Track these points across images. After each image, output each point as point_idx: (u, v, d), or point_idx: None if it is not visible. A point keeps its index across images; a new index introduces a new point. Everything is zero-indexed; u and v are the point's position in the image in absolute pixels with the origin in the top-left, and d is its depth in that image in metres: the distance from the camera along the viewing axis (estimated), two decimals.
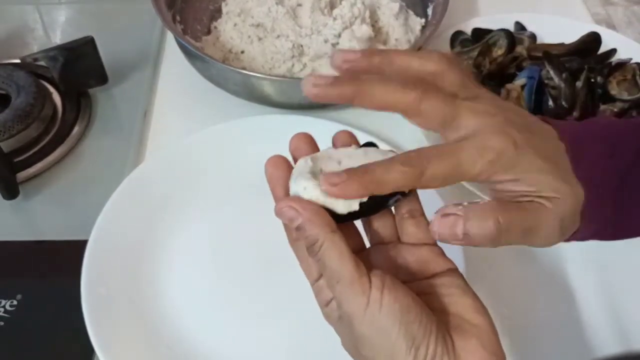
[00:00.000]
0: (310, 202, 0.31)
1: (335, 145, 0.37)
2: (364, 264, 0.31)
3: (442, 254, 0.34)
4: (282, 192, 0.34)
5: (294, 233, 0.33)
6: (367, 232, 0.36)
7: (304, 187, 0.32)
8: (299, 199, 0.32)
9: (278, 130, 0.62)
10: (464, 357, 0.30)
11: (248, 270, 0.52)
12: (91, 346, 0.45)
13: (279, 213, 0.32)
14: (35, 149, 0.61)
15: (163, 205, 0.55)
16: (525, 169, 0.33)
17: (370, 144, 0.36)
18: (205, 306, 0.50)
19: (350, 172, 0.31)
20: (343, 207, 0.32)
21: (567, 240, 0.36)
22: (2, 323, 0.48)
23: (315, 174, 0.32)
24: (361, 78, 0.33)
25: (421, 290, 0.32)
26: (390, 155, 0.33)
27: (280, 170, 0.35)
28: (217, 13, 0.75)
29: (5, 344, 0.48)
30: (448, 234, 0.32)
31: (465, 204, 0.32)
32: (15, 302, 0.50)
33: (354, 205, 0.32)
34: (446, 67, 0.34)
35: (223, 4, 0.74)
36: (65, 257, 0.53)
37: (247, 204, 0.57)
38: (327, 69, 0.67)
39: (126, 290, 0.49)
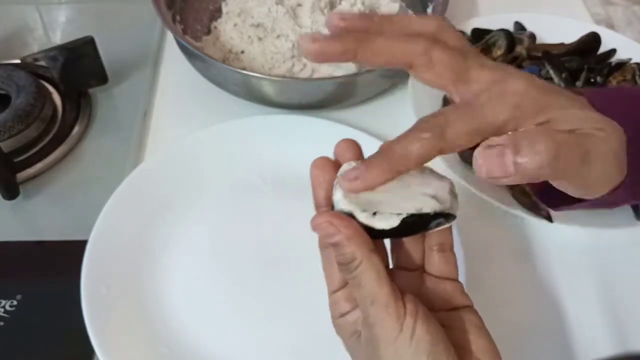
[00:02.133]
0: (349, 219, 0.30)
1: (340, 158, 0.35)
2: None
3: (463, 291, 0.34)
4: (322, 197, 0.32)
5: (328, 247, 0.32)
6: (393, 254, 0.35)
7: (343, 195, 0.31)
8: (338, 215, 0.30)
9: (278, 130, 0.62)
10: None
11: (248, 270, 0.52)
12: (91, 346, 0.45)
13: (316, 227, 0.30)
14: (36, 149, 0.61)
15: (163, 205, 0.55)
16: (557, 106, 0.30)
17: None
18: (205, 306, 0.50)
19: (367, 160, 0.29)
20: (380, 223, 0.30)
21: (616, 202, 0.34)
22: (2, 323, 0.48)
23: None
24: (365, 34, 0.30)
25: (441, 322, 0.31)
26: (447, 180, 0.31)
27: (325, 172, 0.33)
28: (217, 13, 0.75)
29: (5, 344, 0.48)
30: (496, 167, 0.28)
31: (510, 133, 0.29)
32: (15, 302, 0.50)
33: (394, 221, 0.30)
34: (447, 26, 0.32)
35: (223, 4, 0.74)
36: (65, 257, 0.53)
37: (247, 204, 0.57)
38: (327, 69, 0.67)
39: (126, 290, 0.49)
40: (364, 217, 0.30)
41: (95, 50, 0.65)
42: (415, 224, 0.30)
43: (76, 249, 0.50)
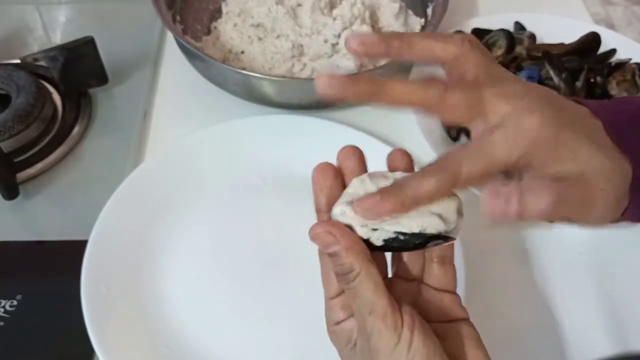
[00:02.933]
0: (347, 230, 0.30)
1: (390, 167, 0.35)
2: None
3: (460, 303, 0.34)
4: (323, 202, 0.33)
5: (326, 257, 0.32)
6: (393, 263, 0.35)
7: (342, 211, 0.31)
8: (337, 225, 0.30)
9: (278, 130, 0.62)
10: None
11: (248, 270, 0.52)
12: (91, 346, 0.45)
13: (314, 237, 0.31)
14: (36, 149, 0.61)
15: (163, 205, 0.55)
16: (567, 147, 0.31)
17: None
18: (205, 306, 0.50)
19: (383, 191, 0.30)
20: (379, 239, 0.31)
21: (620, 220, 0.35)
22: (2, 323, 0.48)
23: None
24: (379, 78, 0.31)
25: (438, 334, 0.31)
26: (456, 198, 0.32)
27: (327, 178, 0.33)
28: (217, 13, 0.75)
29: (5, 344, 0.48)
30: (501, 210, 0.29)
31: (514, 183, 0.30)
32: (15, 302, 0.50)
33: (392, 239, 0.30)
34: (468, 49, 0.32)
35: (223, 4, 0.74)
36: (65, 257, 0.53)
37: (247, 204, 0.57)
38: (327, 70, 0.67)
39: (126, 290, 0.49)
40: (363, 232, 0.31)
41: (95, 50, 0.65)
42: (414, 243, 0.31)
43: (76, 249, 0.50)
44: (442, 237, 0.31)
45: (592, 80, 0.64)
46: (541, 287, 0.53)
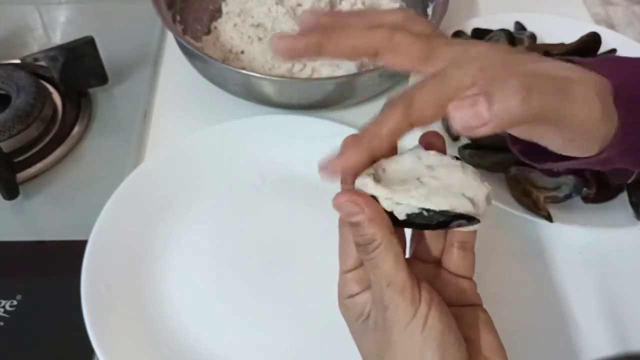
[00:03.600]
0: (372, 200, 0.30)
1: (424, 146, 0.34)
2: None
3: (476, 290, 0.34)
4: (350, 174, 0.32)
5: (347, 226, 0.31)
6: (412, 244, 0.35)
7: (366, 183, 0.30)
8: (362, 194, 0.30)
9: (278, 130, 0.62)
10: None
11: (248, 270, 0.52)
12: (91, 346, 0.45)
13: (338, 206, 0.30)
14: (36, 149, 0.61)
15: (163, 205, 0.55)
16: (524, 62, 0.30)
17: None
18: (205, 306, 0.50)
19: (344, 142, 0.30)
20: (402, 210, 0.30)
21: (600, 161, 0.33)
22: (2, 323, 0.48)
23: (381, 176, 0.31)
24: (326, 29, 0.31)
25: (453, 315, 0.31)
26: (486, 186, 0.31)
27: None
28: (217, 13, 0.75)
29: (5, 344, 0.48)
30: (471, 117, 0.27)
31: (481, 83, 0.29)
32: (15, 302, 0.50)
33: (414, 209, 0.30)
34: (413, 16, 0.32)
35: (223, 4, 0.74)
36: (65, 257, 0.53)
37: (247, 203, 0.57)
38: (326, 69, 0.67)
39: (126, 290, 0.50)
40: (387, 205, 0.30)
41: (95, 50, 0.65)
42: (437, 220, 0.30)
43: (76, 249, 0.50)
44: (466, 218, 0.30)
45: None
46: (541, 286, 0.53)
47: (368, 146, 0.29)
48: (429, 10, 0.73)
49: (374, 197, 0.30)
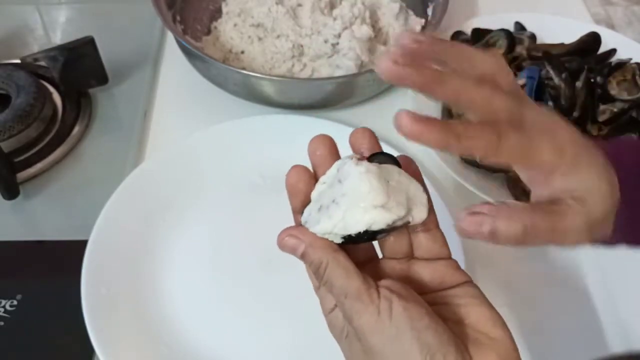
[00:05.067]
0: (307, 230, 0.32)
1: (353, 147, 0.35)
2: (374, 276, 0.31)
3: (458, 267, 0.33)
4: (298, 205, 0.34)
5: (304, 262, 0.33)
6: (382, 248, 0.35)
7: (309, 220, 0.32)
8: (298, 227, 0.32)
9: (278, 130, 0.62)
10: None
11: (248, 269, 0.52)
12: (91, 346, 0.45)
13: (281, 245, 0.33)
14: (36, 149, 0.61)
15: (163, 205, 0.55)
16: (584, 164, 0.33)
17: (384, 155, 0.33)
18: (205, 306, 0.50)
19: (432, 119, 0.30)
20: (333, 239, 0.31)
21: (597, 243, 0.36)
22: (2, 323, 0.48)
23: (322, 203, 0.32)
24: (438, 72, 0.31)
25: (435, 301, 0.31)
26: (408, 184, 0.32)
27: (301, 182, 0.34)
28: (217, 13, 0.75)
29: (5, 344, 0.48)
30: (474, 231, 0.31)
31: (495, 203, 0.32)
32: (15, 302, 0.50)
33: (338, 240, 0.31)
34: (504, 66, 0.34)
35: (223, 4, 0.74)
36: (65, 257, 0.53)
37: (247, 203, 0.57)
38: (326, 69, 0.67)
39: (126, 290, 0.50)
40: (320, 234, 0.32)
41: (96, 50, 0.65)
42: (364, 239, 0.31)
43: (76, 249, 0.50)
44: (391, 228, 0.31)
45: (592, 80, 0.64)
46: (541, 286, 0.53)
47: (447, 139, 0.30)
48: (429, 10, 0.73)
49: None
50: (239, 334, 0.49)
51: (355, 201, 0.30)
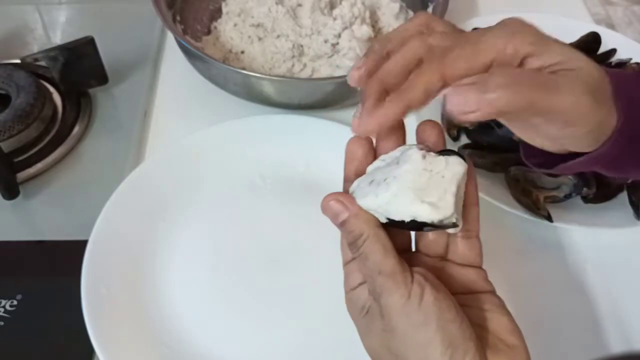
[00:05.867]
0: (355, 200, 0.32)
1: (418, 138, 0.35)
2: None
3: (486, 277, 0.34)
4: (351, 172, 0.34)
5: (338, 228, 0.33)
6: (417, 242, 0.35)
7: (357, 191, 0.32)
8: (345, 195, 0.32)
9: (278, 130, 0.62)
10: None
11: (248, 270, 0.52)
12: (91, 346, 0.45)
13: (324, 208, 0.32)
14: (36, 149, 0.61)
15: (163, 205, 0.55)
16: (544, 42, 0.33)
17: (454, 154, 0.32)
18: (205, 306, 0.50)
19: (371, 96, 0.32)
20: (379, 216, 0.31)
21: (601, 151, 0.33)
22: (2, 323, 0.48)
23: (375, 179, 0.32)
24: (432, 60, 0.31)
25: (461, 302, 0.31)
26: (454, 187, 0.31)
27: (360, 150, 0.34)
28: (217, 13, 0.75)
29: (5, 344, 0.48)
30: (464, 102, 0.29)
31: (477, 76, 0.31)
32: (15, 302, 0.50)
33: (389, 215, 0.31)
34: (429, 17, 0.34)
35: (223, 4, 0.74)
36: (65, 257, 0.53)
37: (247, 203, 0.57)
38: (327, 69, 0.67)
39: (126, 290, 0.49)
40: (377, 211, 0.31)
41: (96, 50, 0.65)
42: (408, 227, 0.31)
43: (76, 249, 0.50)
44: (432, 225, 0.31)
45: None
46: (541, 286, 0.53)
47: (405, 99, 0.30)
48: (429, 10, 0.73)
49: None
50: (239, 334, 0.49)
51: (406, 189, 0.30)
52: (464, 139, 0.62)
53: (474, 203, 0.33)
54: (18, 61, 0.68)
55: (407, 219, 0.30)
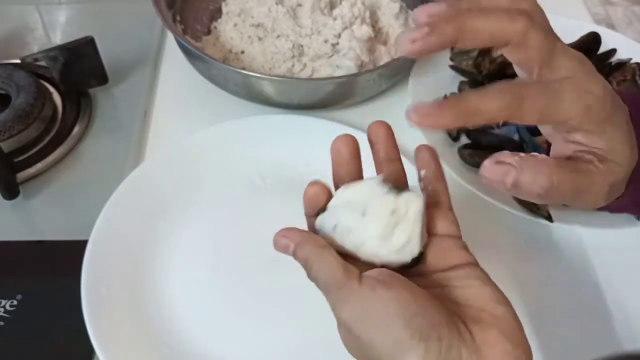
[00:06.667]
0: (298, 229, 0.33)
1: (371, 141, 0.36)
2: None
3: (465, 247, 0.33)
4: (311, 213, 0.35)
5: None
6: None
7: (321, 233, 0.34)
8: (289, 228, 0.33)
9: (278, 130, 0.62)
10: (486, 351, 0.28)
11: (248, 270, 0.52)
12: (91, 346, 0.45)
13: (275, 246, 0.34)
14: (36, 149, 0.61)
15: (163, 205, 0.55)
16: (611, 124, 0.32)
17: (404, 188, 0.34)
18: (205, 306, 0.50)
19: (441, 102, 0.29)
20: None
21: (605, 208, 0.35)
22: (2, 323, 0.48)
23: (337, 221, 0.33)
24: (459, 14, 0.30)
25: (437, 283, 0.31)
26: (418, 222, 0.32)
27: (318, 199, 0.34)
28: (217, 13, 0.75)
29: (5, 344, 0.48)
30: (497, 180, 0.31)
31: (522, 155, 0.31)
32: (15, 302, 0.50)
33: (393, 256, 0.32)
34: (536, 7, 0.32)
35: (223, 4, 0.74)
36: (65, 257, 0.53)
37: (247, 203, 0.57)
38: (327, 69, 0.67)
39: (126, 290, 0.50)
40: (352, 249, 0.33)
41: (96, 50, 0.65)
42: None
43: (76, 249, 0.50)
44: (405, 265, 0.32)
45: None
46: (541, 286, 0.53)
47: (464, 118, 0.29)
48: None
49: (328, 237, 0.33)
50: (239, 334, 0.49)
51: (373, 239, 0.32)
52: (464, 139, 0.62)
53: (440, 178, 0.35)
54: (18, 61, 0.68)
55: (378, 264, 0.32)
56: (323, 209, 0.34)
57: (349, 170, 0.35)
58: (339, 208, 0.33)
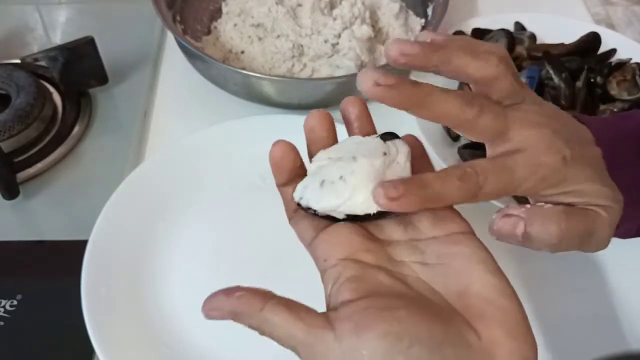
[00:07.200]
0: (220, 295, 0.31)
1: (345, 117, 0.36)
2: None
3: (459, 215, 0.32)
4: (284, 180, 0.35)
5: None
6: None
7: (300, 196, 0.32)
8: (216, 296, 0.31)
9: (278, 130, 0.62)
10: (492, 350, 0.27)
11: (248, 270, 0.52)
12: (91, 346, 0.45)
13: (206, 316, 0.32)
14: (36, 149, 0.61)
15: (163, 205, 0.55)
16: (574, 181, 0.32)
17: (389, 135, 0.33)
18: None
19: (406, 184, 0.29)
20: (338, 215, 0.31)
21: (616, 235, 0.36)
22: (2, 323, 0.48)
23: (324, 177, 0.31)
24: (422, 86, 0.30)
25: (434, 258, 0.30)
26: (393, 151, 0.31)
27: (285, 159, 0.35)
28: (217, 13, 0.75)
29: (5, 344, 0.48)
30: (507, 233, 0.32)
31: (529, 206, 0.32)
32: (15, 302, 0.50)
33: (353, 212, 0.31)
34: (502, 73, 0.32)
35: (223, 4, 0.74)
36: (65, 257, 0.53)
37: (247, 203, 0.57)
38: (327, 69, 0.67)
39: (126, 290, 0.49)
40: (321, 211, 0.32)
41: (95, 50, 0.65)
42: (367, 218, 0.31)
43: (76, 249, 0.50)
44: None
45: (592, 80, 0.64)
46: (540, 286, 0.53)
47: (428, 203, 0.29)
48: (429, 10, 0.73)
49: (309, 207, 0.32)
50: (239, 333, 0.49)
51: (368, 182, 0.30)
52: (464, 139, 0.62)
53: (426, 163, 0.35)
54: (18, 61, 0.68)
55: (374, 211, 0.30)
56: (297, 174, 0.33)
57: (325, 146, 0.34)
58: (323, 167, 0.32)
